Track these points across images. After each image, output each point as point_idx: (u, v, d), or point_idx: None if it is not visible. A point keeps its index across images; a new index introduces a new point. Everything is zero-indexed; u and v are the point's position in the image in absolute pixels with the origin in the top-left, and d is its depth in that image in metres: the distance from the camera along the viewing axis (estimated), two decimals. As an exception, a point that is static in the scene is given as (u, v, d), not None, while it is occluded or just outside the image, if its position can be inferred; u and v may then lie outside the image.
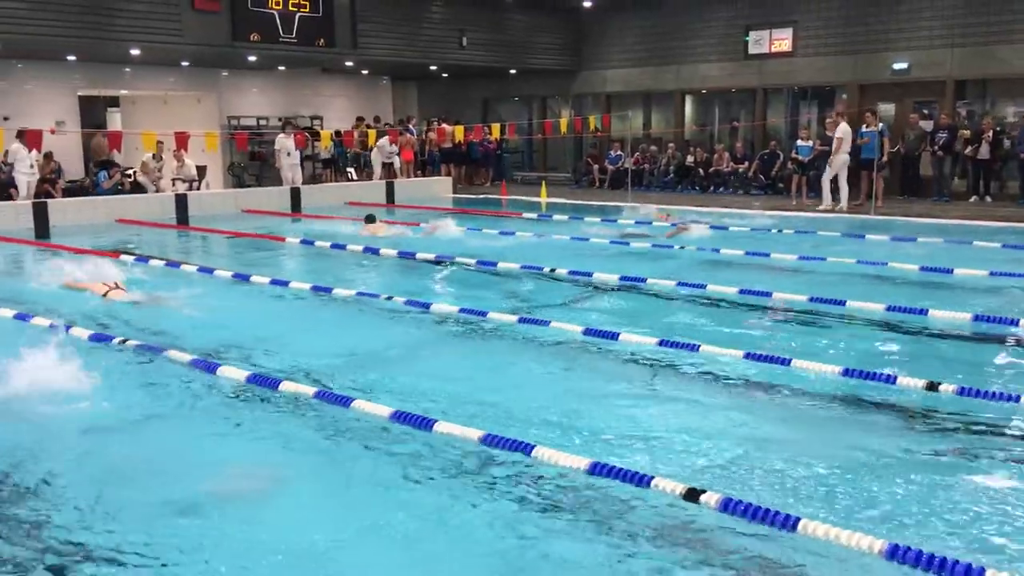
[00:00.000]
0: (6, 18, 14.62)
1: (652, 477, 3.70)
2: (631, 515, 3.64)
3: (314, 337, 6.88)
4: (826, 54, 19.13)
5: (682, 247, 10.87)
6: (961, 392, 4.98)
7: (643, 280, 8.63)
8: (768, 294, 7.90)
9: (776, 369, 5.60)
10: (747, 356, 5.76)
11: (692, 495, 3.56)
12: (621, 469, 3.79)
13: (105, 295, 8.00)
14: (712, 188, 19.96)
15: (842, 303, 7.39)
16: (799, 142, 17.34)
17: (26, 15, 14.76)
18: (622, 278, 8.77)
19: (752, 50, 20.19)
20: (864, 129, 16.00)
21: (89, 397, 5.21)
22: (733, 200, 17.77)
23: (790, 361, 5.61)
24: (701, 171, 20.36)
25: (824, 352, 6.09)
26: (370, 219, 12.91)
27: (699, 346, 6.00)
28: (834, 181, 15.90)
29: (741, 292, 7.99)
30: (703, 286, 8.25)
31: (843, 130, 15.59)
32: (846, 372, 5.39)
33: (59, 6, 15.05)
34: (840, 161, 15.66)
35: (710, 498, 3.52)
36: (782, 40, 19.69)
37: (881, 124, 16.21)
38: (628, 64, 22.51)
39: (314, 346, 6.48)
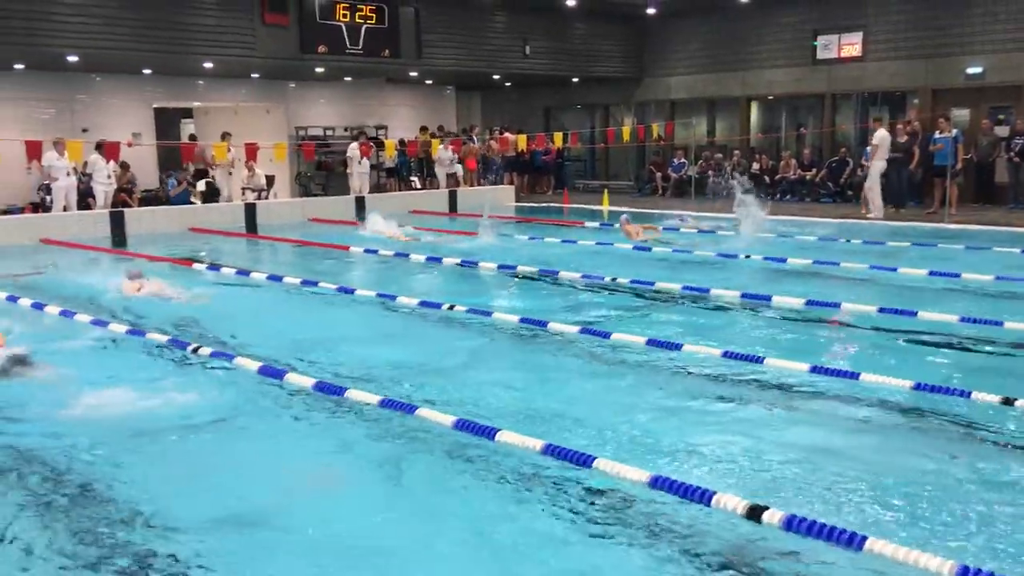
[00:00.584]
0: (86, 33, 15.19)
1: (714, 492, 3.66)
2: (691, 531, 3.61)
3: (377, 344, 6.96)
4: (897, 58, 18.70)
5: (747, 256, 10.72)
6: (1038, 408, 4.82)
7: (707, 290, 8.54)
8: (836, 305, 7.75)
9: (844, 383, 5.49)
10: (813, 369, 5.66)
11: (755, 512, 3.51)
12: (682, 484, 3.76)
13: (138, 289, 8.63)
14: (778, 196, 19.65)
15: (913, 314, 7.21)
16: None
17: (105, 31, 15.31)
18: (684, 287, 8.70)
19: (820, 55, 19.85)
20: (937, 135, 15.62)
21: (162, 400, 5.38)
22: (800, 208, 17.47)
23: (858, 375, 5.49)
24: (767, 178, 20.08)
25: (894, 365, 5.95)
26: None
27: (764, 358, 5.92)
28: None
29: (808, 303, 7.85)
30: (768, 298, 8.13)
31: (879, 137, 15.39)
32: (918, 386, 5.25)
33: (137, 22, 15.57)
34: (876, 168, 15.45)
35: (773, 515, 3.47)
36: (852, 44, 19.32)
37: (955, 130, 15.79)
38: (692, 71, 22.32)
39: (378, 353, 6.57)
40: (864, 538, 3.27)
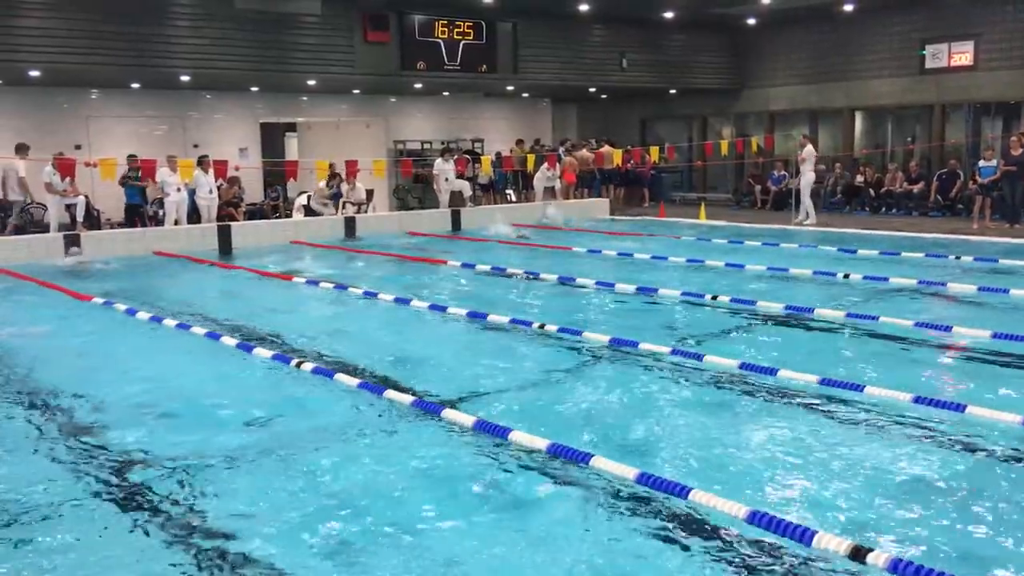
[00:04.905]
0: (198, 55, 15.88)
1: (815, 532, 3.56)
2: (789, 572, 3.51)
3: (467, 362, 7.01)
4: (1012, 67, 17.90)
5: (846, 275, 10.39)
6: None
7: (810, 310, 8.33)
8: (948, 328, 7.44)
9: (950, 416, 5.26)
10: (917, 400, 5.45)
11: (858, 553, 3.40)
12: (781, 521, 3.67)
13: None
14: (883, 209, 19.05)
15: (1027, 340, 6.89)
16: (980, 162, 16.28)
17: (217, 52, 16.01)
18: (787, 307, 8.50)
19: (929, 64, 19.19)
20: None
21: (260, 413, 5.55)
22: (906, 222, 16.88)
23: (965, 407, 5.26)
24: (872, 191, 19.48)
25: (1006, 398, 5.67)
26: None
27: (864, 387, 5.72)
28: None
29: (916, 325, 7.57)
30: (875, 318, 7.88)
31: (807, 152, 17.11)
32: (1031, 420, 5.01)
33: (245, 43, 16.24)
34: (806, 180, 17.06)
35: (878, 558, 3.35)
36: (963, 54, 18.61)
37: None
38: (794, 81, 21.87)
39: (468, 371, 6.62)
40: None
